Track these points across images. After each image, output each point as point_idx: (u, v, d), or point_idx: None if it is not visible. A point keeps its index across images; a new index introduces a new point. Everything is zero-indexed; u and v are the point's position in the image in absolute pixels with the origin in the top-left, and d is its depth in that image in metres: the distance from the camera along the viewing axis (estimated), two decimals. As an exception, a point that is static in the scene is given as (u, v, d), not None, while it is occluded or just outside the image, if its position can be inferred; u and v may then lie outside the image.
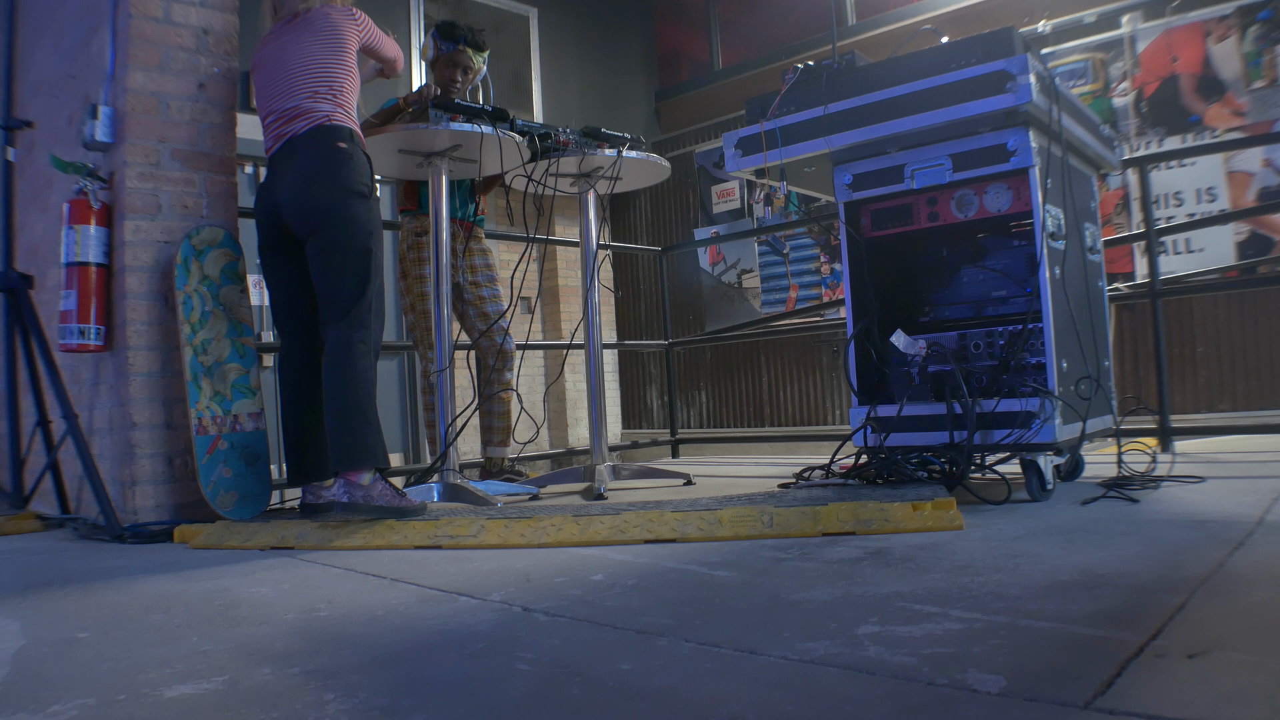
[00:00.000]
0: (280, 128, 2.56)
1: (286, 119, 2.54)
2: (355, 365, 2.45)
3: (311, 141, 2.50)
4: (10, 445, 3.45)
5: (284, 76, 2.56)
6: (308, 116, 2.52)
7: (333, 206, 2.46)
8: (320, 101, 2.53)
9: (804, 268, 6.50)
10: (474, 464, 3.65)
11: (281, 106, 2.55)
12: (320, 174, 2.47)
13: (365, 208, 2.52)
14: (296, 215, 2.50)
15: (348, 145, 2.52)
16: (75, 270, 2.71)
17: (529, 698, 1.05)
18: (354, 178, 2.50)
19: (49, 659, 1.35)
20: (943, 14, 5.72)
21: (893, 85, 2.39)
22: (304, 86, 2.53)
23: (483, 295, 3.43)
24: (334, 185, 2.47)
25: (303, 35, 2.58)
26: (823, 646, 1.15)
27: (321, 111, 2.52)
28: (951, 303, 2.65)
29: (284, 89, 2.55)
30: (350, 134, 2.55)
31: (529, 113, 6.48)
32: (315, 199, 2.47)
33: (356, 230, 2.49)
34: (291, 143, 2.53)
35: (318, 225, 2.47)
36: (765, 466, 3.98)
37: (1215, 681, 0.94)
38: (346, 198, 2.48)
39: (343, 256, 2.48)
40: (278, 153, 2.57)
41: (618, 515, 2.20)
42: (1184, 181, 4.81)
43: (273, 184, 2.57)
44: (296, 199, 2.49)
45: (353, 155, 2.52)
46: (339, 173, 2.48)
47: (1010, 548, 1.71)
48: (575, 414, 6.84)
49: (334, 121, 2.53)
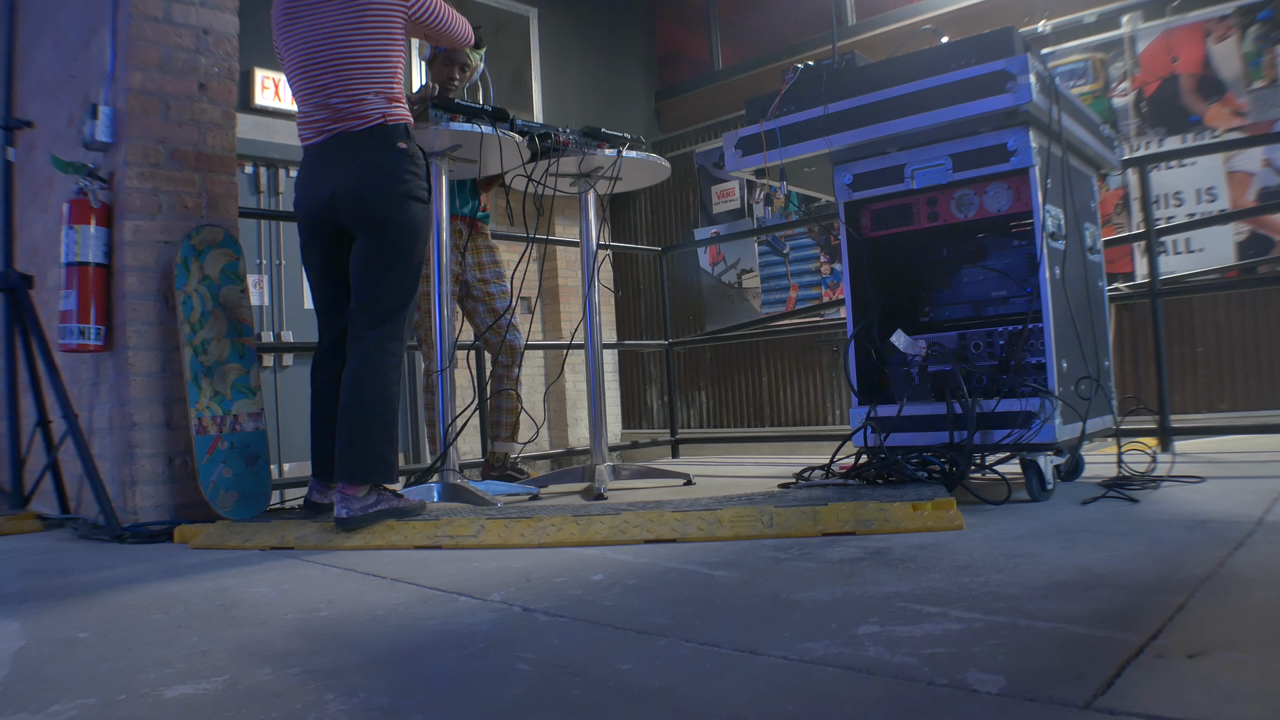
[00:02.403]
0: (327, 124, 2.43)
1: (335, 116, 2.41)
2: (386, 377, 2.39)
3: (369, 141, 2.39)
4: (10, 445, 3.45)
5: (326, 61, 2.39)
6: (361, 116, 2.39)
7: (395, 213, 2.39)
8: (374, 97, 2.39)
9: (804, 268, 6.50)
10: (474, 464, 3.65)
11: (328, 101, 2.40)
12: (384, 178, 2.38)
13: (425, 214, 2.47)
14: (355, 214, 2.40)
15: (407, 145, 2.42)
16: (75, 270, 2.71)
17: (529, 698, 1.05)
18: (414, 182, 2.42)
19: (49, 659, 1.35)
20: (943, 14, 5.72)
21: (893, 85, 2.39)
22: (353, 79, 2.38)
23: (491, 292, 3.43)
24: (399, 190, 2.38)
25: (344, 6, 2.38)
26: (823, 646, 1.15)
27: (377, 110, 2.39)
28: (951, 303, 2.65)
29: (328, 78, 2.39)
30: (406, 130, 2.44)
31: (529, 113, 6.48)
32: (378, 202, 2.38)
33: (417, 240, 2.44)
34: (341, 139, 2.41)
35: (377, 228, 2.40)
36: (765, 466, 3.98)
37: (1215, 681, 0.94)
38: (409, 204, 2.40)
39: (396, 264, 2.42)
40: (323, 146, 2.44)
41: (618, 515, 2.20)
42: (1184, 181, 4.81)
43: (321, 179, 2.44)
44: (358, 198, 2.38)
45: (414, 156, 2.44)
46: (402, 176, 2.39)
47: (1010, 548, 1.71)
48: (575, 414, 6.84)
49: (391, 120, 2.41)
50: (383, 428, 2.36)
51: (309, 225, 2.52)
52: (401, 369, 2.46)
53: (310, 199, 2.48)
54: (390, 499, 2.40)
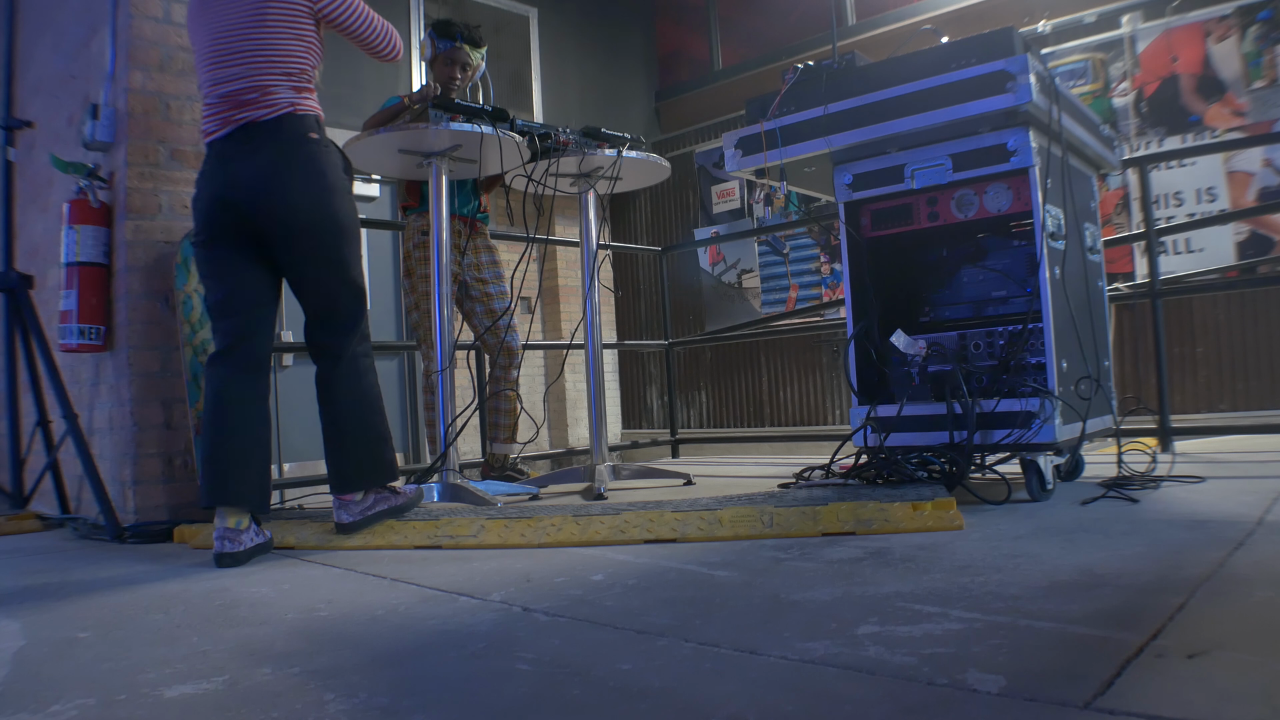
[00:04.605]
0: (229, 112, 2.23)
1: (237, 104, 2.22)
2: (364, 382, 2.35)
3: (276, 132, 2.21)
4: (10, 445, 3.45)
5: (233, 52, 2.23)
6: (268, 105, 2.22)
7: (317, 209, 2.22)
8: (282, 88, 2.23)
9: (804, 268, 6.50)
10: (474, 464, 3.65)
11: (231, 89, 2.23)
12: (295, 171, 2.21)
13: (350, 206, 2.32)
14: (269, 215, 2.21)
15: (319, 135, 2.27)
16: (75, 270, 2.71)
17: (529, 698, 1.05)
18: (334, 174, 2.27)
19: (49, 659, 1.35)
20: (943, 14, 5.72)
21: (893, 85, 2.39)
22: (260, 69, 2.22)
23: (489, 292, 3.43)
24: (315, 184, 2.22)
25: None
26: (823, 646, 1.15)
27: (284, 99, 2.23)
28: (951, 303, 2.65)
29: (235, 69, 2.22)
30: (317, 121, 2.29)
31: (529, 113, 6.47)
32: (294, 199, 2.20)
33: (348, 234, 2.31)
34: (247, 130, 2.22)
35: (308, 232, 2.23)
36: (765, 466, 3.98)
37: (1215, 681, 0.94)
38: (331, 197, 2.25)
39: (338, 266, 2.30)
40: (227, 139, 2.24)
41: (618, 515, 2.20)
42: (1184, 181, 4.81)
43: (225, 176, 2.22)
44: (269, 197, 2.19)
45: (327, 147, 2.28)
46: (317, 168, 2.23)
47: (1010, 548, 1.71)
48: (575, 414, 6.84)
49: (300, 110, 2.25)
50: (375, 436, 2.35)
51: (208, 223, 2.25)
52: (374, 366, 2.41)
53: (211, 194, 2.23)
54: (388, 497, 2.38)
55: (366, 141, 2.81)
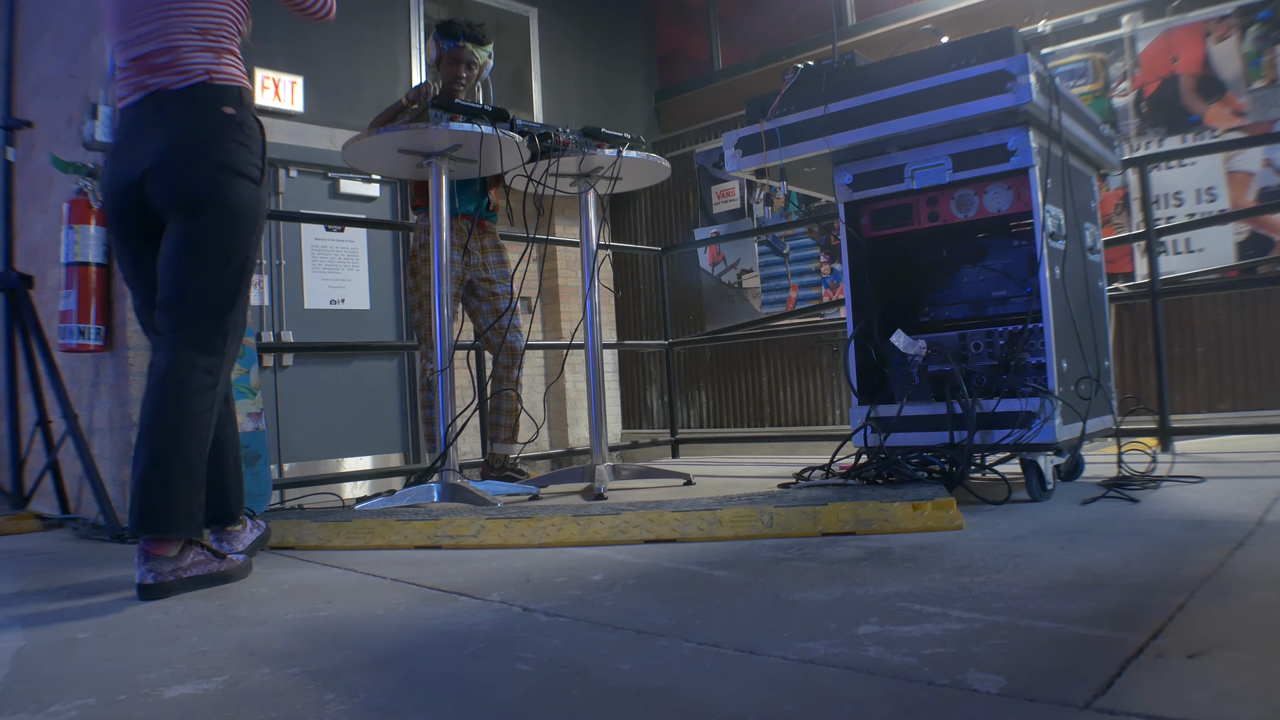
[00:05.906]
0: (140, 76, 1.98)
1: (148, 68, 1.97)
2: (191, 402, 1.87)
3: (188, 101, 1.95)
4: (10, 445, 3.45)
5: (142, 4, 1.97)
6: (182, 71, 1.95)
7: (213, 189, 1.93)
8: (199, 52, 1.97)
9: (804, 268, 6.50)
10: (474, 464, 3.65)
11: (141, 51, 1.97)
12: (200, 143, 1.94)
13: (253, 196, 1.99)
14: (164, 189, 1.93)
15: (236, 110, 1.98)
16: (75, 270, 2.71)
17: (529, 698, 1.05)
18: (242, 154, 1.97)
19: (49, 659, 1.35)
20: (943, 14, 5.72)
21: (893, 85, 2.39)
22: (174, 28, 1.96)
23: (496, 292, 3.43)
24: (217, 160, 1.93)
25: None
26: (823, 646, 1.15)
27: (200, 65, 1.96)
28: (951, 303, 2.65)
29: (143, 25, 1.97)
30: (239, 94, 2.00)
31: (529, 113, 6.47)
32: (190, 173, 1.92)
33: (239, 228, 1.96)
34: (158, 97, 1.96)
35: (191, 208, 1.93)
36: (765, 466, 3.98)
37: (1215, 681, 0.94)
38: (232, 180, 1.95)
39: (209, 252, 1.93)
40: (138, 107, 1.99)
41: (618, 515, 2.20)
42: (1184, 181, 4.81)
43: (131, 149, 1.97)
44: (166, 169, 1.92)
45: (243, 123, 1.99)
46: (224, 144, 1.95)
47: (1010, 548, 1.71)
48: (575, 414, 6.84)
49: (217, 79, 1.97)
50: (184, 465, 1.83)
51: (116, 205, 2.01)
52: (218, 393, 1.94)
53: (118, 171, 1.99)
54: (211, 560, 1.89)
55: (367, 142, 2.81)
